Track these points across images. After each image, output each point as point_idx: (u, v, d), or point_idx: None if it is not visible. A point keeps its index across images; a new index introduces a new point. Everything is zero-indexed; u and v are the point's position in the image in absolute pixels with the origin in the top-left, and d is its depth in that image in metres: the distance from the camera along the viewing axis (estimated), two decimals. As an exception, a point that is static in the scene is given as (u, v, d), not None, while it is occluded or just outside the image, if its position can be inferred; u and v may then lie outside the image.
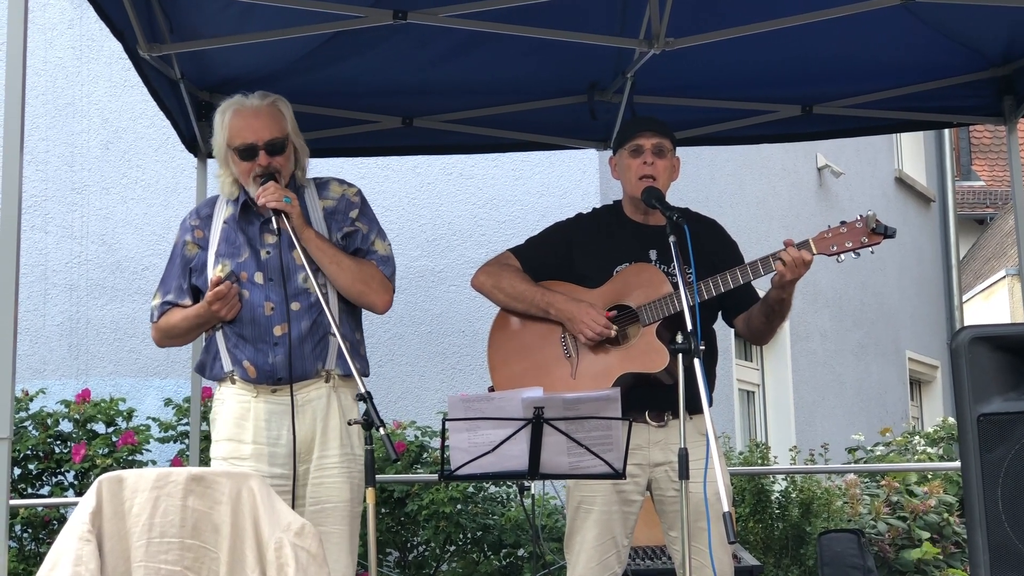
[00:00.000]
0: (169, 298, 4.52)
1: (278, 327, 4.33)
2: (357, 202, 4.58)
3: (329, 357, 4.38)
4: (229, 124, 4.44)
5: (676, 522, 4.40)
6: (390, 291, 4.52)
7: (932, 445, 10.26)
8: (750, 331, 4.74)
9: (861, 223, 4.41)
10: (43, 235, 8.87)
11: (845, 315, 13.54)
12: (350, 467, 4.37)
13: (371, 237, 4.55)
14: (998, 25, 5.72)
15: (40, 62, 8.97)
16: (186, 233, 4.56)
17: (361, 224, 4.54)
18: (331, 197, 4.57)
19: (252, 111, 4.46)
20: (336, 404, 4.38)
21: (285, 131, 4.47)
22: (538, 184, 8.97)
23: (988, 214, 23.89)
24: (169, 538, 3.51)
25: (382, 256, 4.54)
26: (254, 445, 4.33)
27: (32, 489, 7.43)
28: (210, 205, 4.62)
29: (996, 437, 3.84)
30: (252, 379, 4.36)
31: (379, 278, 4.49)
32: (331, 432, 4.35)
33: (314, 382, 4.36)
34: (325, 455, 4.33)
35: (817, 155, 12.98)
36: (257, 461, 4.30)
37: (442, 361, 8.82)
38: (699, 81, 6.11)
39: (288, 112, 4.53)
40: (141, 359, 8.71)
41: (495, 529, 7.34)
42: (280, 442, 4.33)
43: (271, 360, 4.33)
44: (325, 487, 4.32)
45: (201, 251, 4.50)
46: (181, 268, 4.53)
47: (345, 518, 4.34)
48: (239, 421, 4.37)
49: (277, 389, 4.35)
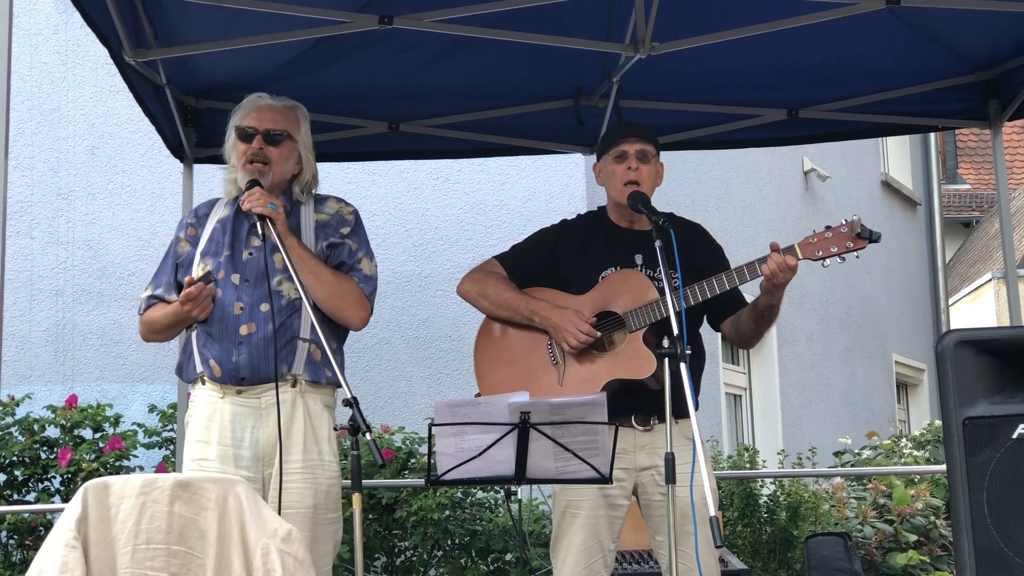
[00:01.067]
0: (157, 292, 4.56)
1: (244, 326, 4.33)
2: (351, 220, 4.58)
3: (296, 362, 4.36)
4: (241, 113, 4.54)
5: (662, 526, 4.40)
6: (367, 309, 4.50)
7: (919, 448, 10.28)
8: (738, 335, 4.73)
9: (846, 227, 4.41)
10: (29, 241, 8.86)
11: (832, 319, 13.57)
12: (315, 473, 4.32)
13: (359, 255, 4.54)
14: (983, 29, 5.74)
15: (26, 67, 8.97)
16: (181, 230, 4.62)
17: (351, 241, 4.53)
18: (326, 212, 4.57)
19: (267, 104, 4.55)
20: (301, 408, 4.35)
21: (292, 131, 4.52)
22: (525, 189, 8.98)
23: (974, 217, 23.97)
24: (155, 544, 3.51)
25: (365, 275, 4.52)
26: (219, 447, 4.32)
27: (18, 495, 7.41)
28: (209, 205, 4.65)
29: (982, 441, 3.83)
30: (218, 378, 4.35)
31: (357, 294, 4.47)
32: (294, 438, 4.32)
33: (280, 386, 4.31)
34: (288, 460, 4.28)
35: (803, 159, 13.01)
36: (223, 463, 4.29)
37: (429, 366, 8.82)
38: (685, 85, 6.12)
39: (304, 123, 4.60)
40: (128, 365, 8.70)
41: (483, 535, 7.34)
42: (244, 444, 4.31)
43: (234, 359, 4.32)
44: (288, 492, 4.25)
45: (192, 248, 4.54)
46: (171, 264, 4.57)
47: (307, 525, 4.25)
48: (207, 423, 4.37)
49: (242, 390, 4.34)
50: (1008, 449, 3.82)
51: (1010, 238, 6.23)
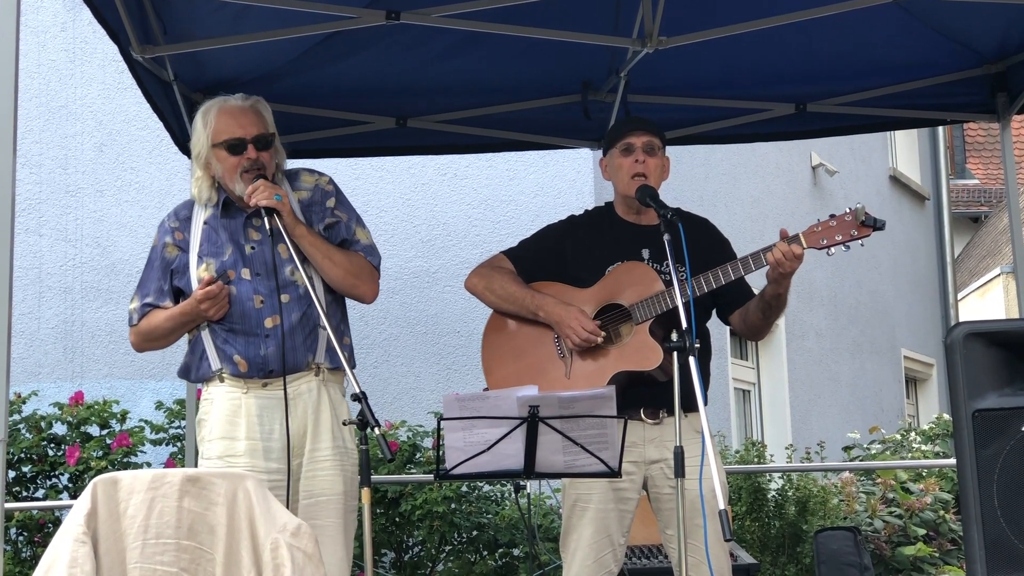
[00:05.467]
0: (149, 300, 4.53)
1: (269, 319, 4.33)
2: (332, 190, 4.57)
3: (319, 350, 4.38)
4: (214, 122, 4.43)
5: (672, 520, 4.40)
6: (377, 280, 4.54)
7: (928, 442, 10.27)
8: (747, 327, 4.74)
9: (851, 216, 4.41)
10: (37, 238, 8.87)
11: (840, 313, 13.55)
12: (343, 460, 4.36)
13: (352, 226, 4.54)
14: (991, 21, 5.73)
15: (34, 65, 8.97)
16: (165, 235, 4.54)
17: (340, 213, 4.53)
18: (304, 188, 4.55)
19: (238, 109, 4.46)
20: (326, 397, 4.38)
21: (271, 128, 4.49)
22: (533, 184, 8.97)
23: (983, 212, 23.91)
24: (165, 539, 3.51)
25: (366, 245, 4.54)
26: (248, 441, 4.32)
27: (27, 492, 7.42)
28: (188, 207, 4.59)
29: (991, 433, 3.83)
30: (243, 374, 4.35)
31: (368, 269, 4.50)
32: (323, 426, 4.35)
33: (304, 375, 4.36)
34: (317, 448, 4.33)
35: (811, 154, 12.99)
36: (252, 457, 4.29)
37: (437, 361, 8.82)
38: (692, 80, 6.12)
39: (269, 113, 4.54)
40: (136, 361, 8.69)
41: (490, 528, 7.34)
42: (273, 436, 4.32)
43: (263, 352, 4.32)
44: (318, 480, 4.31)
45: (182, 253, 4.49)
46: (161, 270, 4.53)
47: (339, 511, 4.32)
48: (231, 418, 4.36)
49: (268, 383, 4.34)
50: (1018, 441, 3.82)
51: (1019, 233, 6.21)
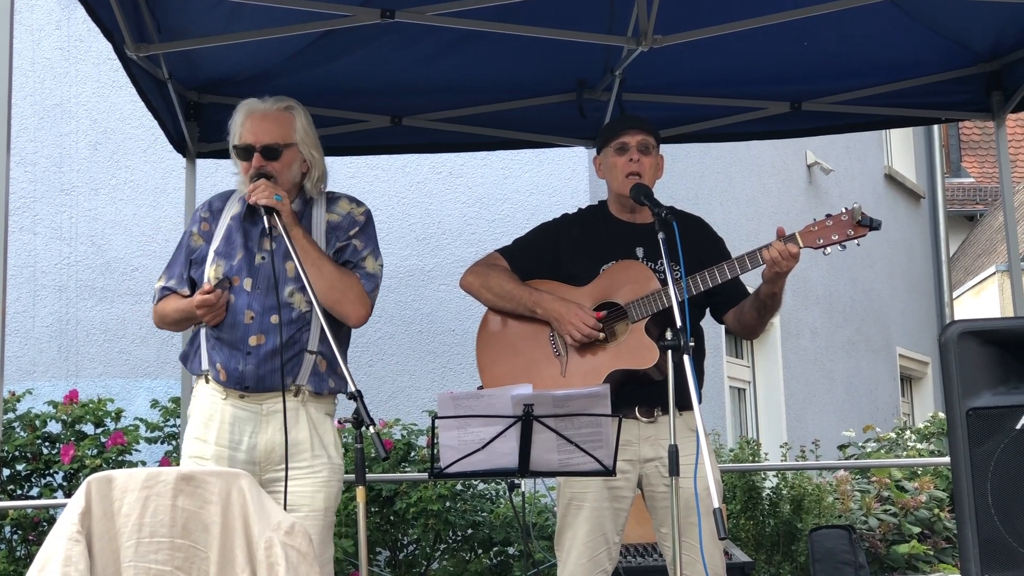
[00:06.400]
0: (171, 284, 4.53)
1: (254, 337, 4.31)
2: (361, 221, 4.52)
3: (301, 373, 4.34)
4: (239, 124, 4.45)
5: (666, 518, 4.40)
6: (367, 306, 4.44)
7: (923, 441, 10.28)
8: (741, 326, 4.73)
9: (847, 216, 4.42)
10: (32, 236, 8.86)
11: (835, 312, 13.56)
12: (327, 476, 4.32)
13: (363, 253, 4.48)
14: (986, 20, 5.73)
15: (28, 63, 8.96)
16: (195, 224, 4.57)
17: (357, 241, 4.48)
18: (338, 213, 4.52)
19: (260, 114, 4.44)
20: (304, 416, 4.34)
21: (289, 139, 4.43)
22: (527, 182, 8.97)
23: (978, 210, 23.97)
24: (159, 538, 3.51)
25: (368, 272, 4.47)
26: (216, 447, 4.31)
27: (21, 490, 7.41)
28: (223, 199, 4.59)
29: (985, 431, 3.83)
30: (222, 382, 4.35)
31: (357, 290, 4.41)
32: (301, 444, 4.30)
33: (279, 396, 4.28)
34: (296, 465, 4.28)
35: (807, 152, 13.00)
36: (218, 463, 4.27)
37: (432, 360, 8.82)
38: (688, 78, 6.12)
39: (300, 121, 4.47)
40: (131, 360, 8.70)
41: (485, 527, 7.34)
42: (241, 448, 4.31)
43: (241, 368, 4.30)
44: (297, 495, 4.24)
45: (205, 244, 4.49)
46: (185, 257, 4.54)
47: (318, 527, 4.24)
48: (207, 421, 4.36)
49: (245, 395, 4.34)
50: (1012, 439, 3.83)
51: (1014, 231, 6.22)
